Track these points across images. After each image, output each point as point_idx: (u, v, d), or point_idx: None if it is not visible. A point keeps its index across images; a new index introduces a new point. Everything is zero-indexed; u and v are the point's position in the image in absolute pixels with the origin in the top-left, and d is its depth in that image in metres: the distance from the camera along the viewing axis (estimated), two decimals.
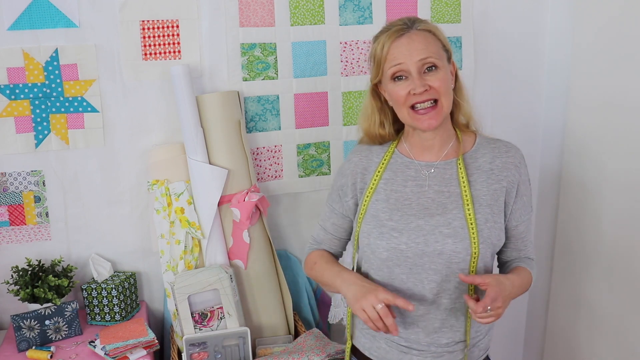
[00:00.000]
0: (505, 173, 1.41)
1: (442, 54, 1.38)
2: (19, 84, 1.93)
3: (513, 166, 1.42)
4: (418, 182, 1.43)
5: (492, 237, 1.38)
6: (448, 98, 1.38)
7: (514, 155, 1.43)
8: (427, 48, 1.35)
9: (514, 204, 1.42)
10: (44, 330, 1.89)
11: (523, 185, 1.43)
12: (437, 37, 1.39)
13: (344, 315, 2.20)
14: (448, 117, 1.43)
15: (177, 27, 2.01)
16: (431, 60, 1.34)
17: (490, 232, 1.38)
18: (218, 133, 2.00)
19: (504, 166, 1.41)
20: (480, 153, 1.43)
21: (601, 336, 2.10)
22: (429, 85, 1.34)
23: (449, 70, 1.39)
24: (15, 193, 2.00)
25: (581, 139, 2.17)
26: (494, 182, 1.40)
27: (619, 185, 1.97)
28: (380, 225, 1.41)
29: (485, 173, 1.41)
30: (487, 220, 1.38)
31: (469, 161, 1.43)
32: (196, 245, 2.01)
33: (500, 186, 1.40)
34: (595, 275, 2.12)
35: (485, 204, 1.39)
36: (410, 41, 1.35)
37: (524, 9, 2.30)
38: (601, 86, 2.05)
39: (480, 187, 1.40)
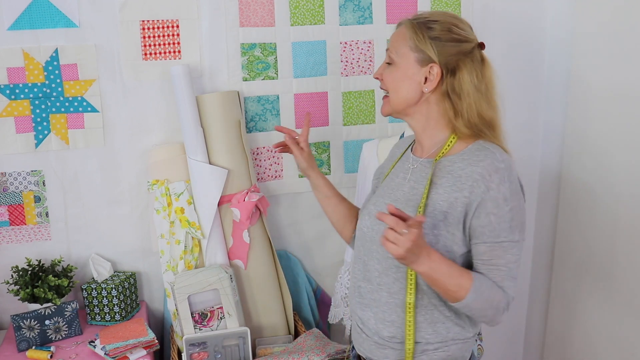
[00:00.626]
0: (470, 183, 1.29)
1: (407, 52, 1.35)
2: (19, 83, 1.93)
3: (480, 177, 1.28)
4: (405, 175, 1.45)
5: (437, 245, 1.31)
6: (397, 95, 1.39)
7: (486, 166, 1.29)
8: (394, 43, 1.39)
9: (474, 219, 1.29)
10: (44, 330, 1.89)
11: (491, 202, 1.27)
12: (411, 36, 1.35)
13: (344, 314, 2.20)
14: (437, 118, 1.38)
15: (177, 27, 2.01)
16: (388, 54, 1.39)
17: (436, 240, 1.31)
18: (218, 133, 2.00)
19: (471, 176, 1.29)
20: (461, 158, 1.34)
21: (601, 337, 2.10)
22: (382, 76, 1.41)
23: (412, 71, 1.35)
24: (15, 193, 2.00)
25: (581, 139, 2.17)
26: (456, 190, 1.30)
27: (619, 185, 1.97)
28: (364, 207, 1.52)
29: (453, 179, 1.32)
30: (435, 226, 1.31)
31: (446, 164, 1.35)
32: (196, 245, 2.01)
33: (462, 196, 1.29)
34: (595, 275, 2.12)
35: (441, 209, 1.31)
36: (394, 34, 1.42)
37: (524, 9, 2.30)
38: (601, 87, 2.05)
39: (443, 192, 1.32)
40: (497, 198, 1.27)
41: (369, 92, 2.23)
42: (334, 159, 2.26)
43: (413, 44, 1.35)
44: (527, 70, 2.36)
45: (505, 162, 1.30)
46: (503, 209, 1.28)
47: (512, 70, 2.35)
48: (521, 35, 2.33)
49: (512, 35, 2.31)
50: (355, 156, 2.24)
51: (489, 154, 1.31)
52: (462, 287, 1.27)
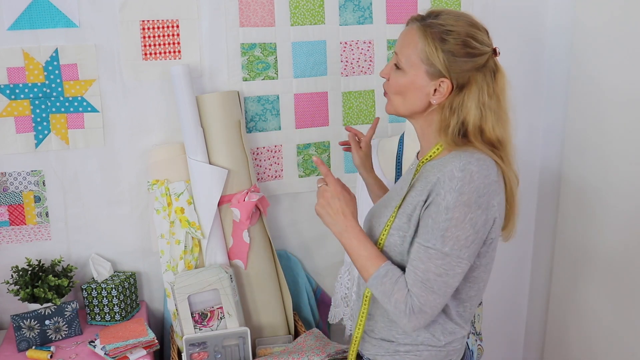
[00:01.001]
0: (429, 187, 1.27)
1: (417, 63, 1.30)
2: (19, 83, 1.93)
3: (437, 181, 1.25)
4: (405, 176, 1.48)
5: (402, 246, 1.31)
6: (400, 100, 1.36)
7: (444, 172, 1.24)
8: (403, 48, 1.33)
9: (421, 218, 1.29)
10: (44, 330, 1.89)
11: (434, 206, 1.24)
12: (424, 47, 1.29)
13: (344, 315, 2.20)
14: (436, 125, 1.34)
15: (177, 27, 2.01)
16: (397, 59, 1.35)
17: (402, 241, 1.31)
18: (218, 133, 2.00)
19: (432, 180, 1.27)
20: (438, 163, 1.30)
21: (601, 337, 2.10)
22: (388, 76, 1.39)
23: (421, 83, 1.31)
24: (15, 193, 2.00)
25: (581, 139, 2.17)
26: (420, 194, 1.29)
27: (619, 185, 1.97)
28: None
29: (424, 184, 1.30)
30: (400, 227, 1.32)
31: (428, 169, 1.33)
32: (196, 245, 2.01)
33: (422, 199, 1.28)
34: (595, 275, 2.12)
35: (406, 212, 1.32)
36: (404, 33, 1.36)
37: (524, 9, 2.30)
38: (601, 87, 2.05)
39: (414, 195, 1.31)
40: (439, 204, 1.24)
41: (369, 92, 2.24)
42: (334, 159, 2.26)
43: (424, 56, 1.29)
44: (527, 70, 2.36)
45: (464, 172, 1.22)
46: (441, 216, 1.23)
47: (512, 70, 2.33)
48: (521, 35, 2.33)
49: (512, 35, 2.31)
50: None
51: (455, 161, 1.25)
52: (367, 270, 1.31)
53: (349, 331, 2.18)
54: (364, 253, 1.32)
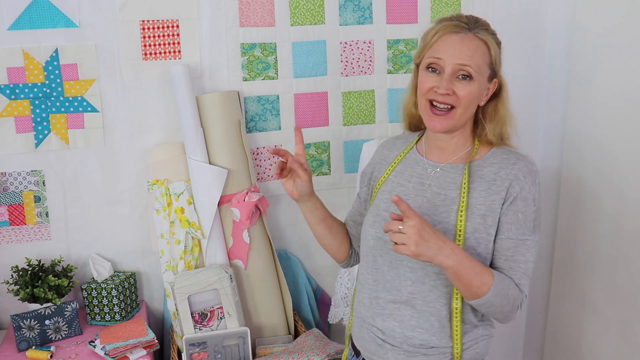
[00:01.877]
0: (506, 184, 1.33)
1: (485, 69, 1.35)
2: (19, 83, 1.93)
3: (516, 179, 1.33)
4: (421, 180, 1.42)
5: (479, 248, 1.33)
6: (466, 111, 1.35)
7: (521, 168, 1.34)
8: (472, 57, 1.32)
9: (503, 216, 1.33)
10: (44, 330, 1.89)
11: (522, 201, 1.33)
12: (489, 52, 1.35)
13: (344, 315, 2.20)
14: (468, 125, 1.41)
15: (177, 27, 2.01)
16: (468, 70, 1.31)
17: (477, 243, 1.33)
18: (218, 133, 2.00)
19: (507, 177, 1.34)
20: (489, 162, 1.38)
21: (601, 336, 2.10)
22: (454, 91, 1.32)
23: (484, 87, 1.36)
24: (15, 193, 2.00)
25: (581, 140, 2.17)
26: (493, 193, 1.34)
27: (620, 184, 1.97)
28: (376, 215, 1.45)
29: (487, 183, 1.35)
30: (476, 230, 1.33)
31: (474, 169, 1.38)
32: (196, 245, 2.01)
33: (499, 197, 1.33)
34: (595, 275, 2.12)
35: (479, 213, 1.33)
36: (460, 42, 1.32)
37: (525, 10, 2.30)
38: (601, 86, 2.05)
39: (478, 196, 1.35)
40: (527, 198, 1.33)
41: (369, 92, 2.23)
42: (334, 159, 2.26)
43: (490, 61, 1.35)
44: (527, 69, 2.36)
45: (535, 166, 1.36)
46: (530, 208, 1.33)
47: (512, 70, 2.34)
48: (521, 34, 2.32)
49: (512, 35, 2.30)
50: (355, 156, 2.24)
51: (520, 157, 1.37)
52: (485, 283, 1.27)
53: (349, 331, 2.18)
54: (479, 268, 1.27)
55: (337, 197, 2.29)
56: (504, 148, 1.40)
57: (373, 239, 1.43)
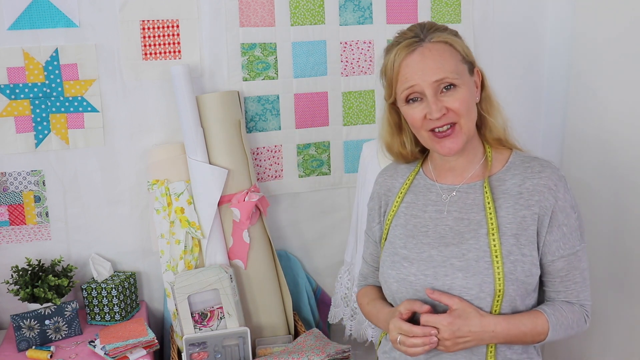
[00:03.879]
0: (537, 197, 1.22)
1: (462, 68, 1.23)
2: (19, 83, 1.93)
3: (546, 189, 1.22)
4: (438, 207, 1.30)
5: (516, 272, 1.20)
6: (469, 118, 1.24)
7: (549, 176, 1.23)
8: (443, 66, 1.20)
9: (548, 235, 1.23)
10: (44, 330, 1.89)
11: (561, 213, 1.22)
12: (454, 49, 1.23)
13: (344, 315, 2.20)
14: (474, 134, 1.29)
15: (177, 27, 2.01)
16: (448, 81, 1.20)
17: (514, 267, 1.20)
18: (218, 133, 2.00)
19: (535, 189, 1.22)
20: (510, 174, 1.26)
21: (601, 336, 2.10)
22: (447, 107, 1.21)
23: (471, 85, 1.26)
24: (15, 193, 2.00)
25: (581, 140, 2.17)
26: (523, 208, 1.22)
27: (620, 185, 1.97)
28: (393, 254, 1.33)
29: (513, 197, 1.23)
30: (510, 252, 1.21)
31: (495, 184, 1.26)
32: (196, 245, 2.01)
33: (531, 212, 1.22)
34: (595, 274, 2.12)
35: (510, 233, 1.22)
36: (422, 58, 1.21)
37: (525, 10, 2.30)
38: (602, 86, 2.05)
39: (506, 214, 1.23)
40: (565, 207, 1.23)
41: (369, 92, 2.23)
42: (334, 159, 2.26)
43: (461, 56, 1.24)
44: (527, 73, 2.36)
45: (560, 170, 1.26)
46: (572, 217, 1.25)
47: (512, 72, 2.35)
48: (521, 39, 2.32)
49: (512, 40, 2.31)
50: (355, 156, 2.24)
51: (544, 163, 1.26)
52: (541, 333, 1.23)
53: (349, 331, 2.18)
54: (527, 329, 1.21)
55: (337, 197, 2.29)
56: (521, 155, 1.29)
57: (396, 281, 1.29)
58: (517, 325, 1.20)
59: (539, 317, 1.23)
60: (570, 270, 1.26)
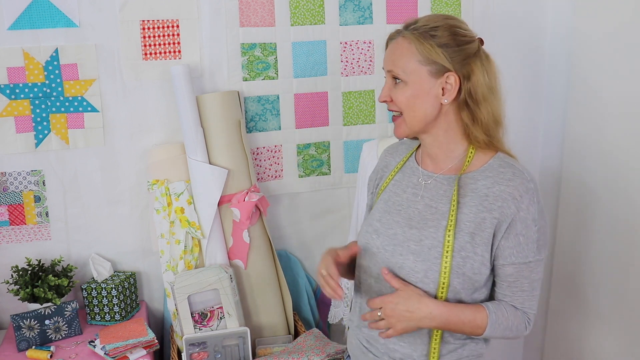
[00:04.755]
0: (500, 203, 1.26)
1: (415, 67, 1.28)
2: (19, 83, 1.93)
3: (511, 197, 1.25)
4: (415, 190, 1.38)
5: (465, 267, 1.27)
6: (413, 114, 1.31)
7: (516, 186, 1.26)
8: (396, 60, 1.31)
9: (503, 240, 1.27)
10: (44, 330, 1.89)
11: (521, 223, 1.26)
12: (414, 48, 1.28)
13: (344, 315, 2.20)
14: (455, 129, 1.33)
15: (177, 27, 2.01)
16: (395, 74, 1.31)
17: (464, 262, 1.27)
18: (218, 133, 2.00)
19: (500, 195, 1.26)
20: (484, 175, 1.30)
21: (602, 338, 2.10)
22: (391, 97, 1.33)
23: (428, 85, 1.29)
24: (15, 193, 2.00)
25: (581, 140, 2.17)
26: (485, 210, 1.27)
27: (620, 185, 1.97)
28: (369, 224, 1.44)
29: (479, 198, 1.28)
30: (462, 248, 1.27)
31: (468, 181, 1.31)
32: (196, 245, 2.01)
33: (491, 216, 1.26)
34: (595, 276, 2.12)
35: (467, 230, 1.27)
36: (391, 49, 1.34)
37: (525, 10, 2.30)
38: (602, 87, 2.05)
39: (468, 212, 1.28)
40: (526, 219, 1.26)
41: (369, 92, 2.23)
42: (334, 159, 2.26)
43: (423, 57, 1.28)
44: (528, 71, 2.36)
45: (534, 182, 1.28)
46: (531, 229, 1.27)
47: (512, 71, 2.34)
48: (521, 35, 2.32)
49: (512, 36, 2.31)
50: (355, 156, 2.24)
51: (517, 172, 1.28)
52: (479, 326, 1.29)
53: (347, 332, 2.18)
54: (466, 319, 1.27)
55: (337, 197, 2.29)
56: (502, 159, 1.32)
57: (363, 249, 1.42)
58: (457, 314, 1.27)
59: (481, 311, 1.29)
60: (518, 277, 1.30)
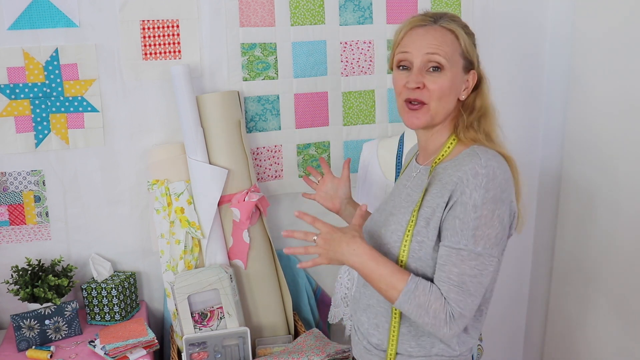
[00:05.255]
0: (450, 187, 1.24)
1: (457, 59, 1.29)
2: (19, 83, 1.93)
3: (459, 181, 1.22)
4: (405, 182, 1.44)
5: (421, 252, 1.28)
6: (441, 105, 1.29)
7: (467, 170, 1.22)
8: (440, 45, 1.27)
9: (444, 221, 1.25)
10: (44, 330, 1.89)
11: (460, 206, 1.21)
12: (457, 41, 1.30)
13: (343, 314, 2.20)
14: (448, 123, 1.35)
15: (177, 27, 2.01)
16: (437, 59, 1.27)
17: (419, 246, 1.28)
18: (218, 133, 2.00)
19: (451, 180, 1.25)
20: (452, 164, 1.29)
21: (601, 337, 2.10)
22: (424, 84, 1.28)
23: (459, 79, 1.31)
24: (15, 193, 2.00)
25: (581, 140, 2.17)
26: (439, 196, 1.26)
27: (619, 185, 1.97)
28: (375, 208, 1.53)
29: (441, 185, 1.27)
30: (419, 232, 1.28)
31: (440, 170, 1.31)
32: (196, 245, 2.01)
33: (442, 200, 1.25)
34: (595, 276, 2.12)
35: (424, 216, 1.28)
36: (425, 33, 1.30)
37: (525, 9, 2.30)
38: (602, 87, 2.05)
39: (430, 199, 1.28)
40: (466, 203, 1.21)
41: (369, 92, 2.23)
42: (334, 159, 2.26)
43: (463, 50, 1.30)
44: (528, 71, 2.36)
45: (488, 168, 1.21)
46: (469, 215, 1.21)
47: (512, 71, 2.35)
48: (521, 36, 2.33)
49: (512, 36, 2.31)
50: (355, 156, 2.24)
51: (474, 158, 1.24)
52: (394, 287, 1.24)
53: (349, 331, 2.18)
54: (384, 271, 1.25)
55: None
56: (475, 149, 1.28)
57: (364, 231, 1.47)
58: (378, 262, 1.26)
59: (403, 275, 1.25)
60: (447, 262, 1.23)
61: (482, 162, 1.22)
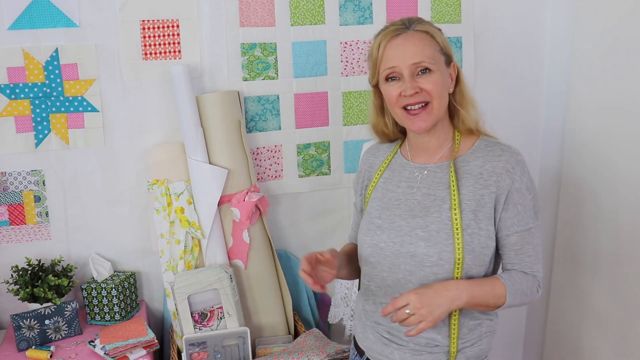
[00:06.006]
0: (495, 178, 1.34)
1: (439, 57, 1.37)
2: (19, 83, 1.93)
3: (504, 171, 1.34)
4: (410, 183, 1.44)
5: (473, 243, 1.33)
6: (441, 101, 1.36)
7: (507, 159, 1.35)
8: (422, 51, 1.34)
9: (503, 212, 1.35)
10: (44, 330, 1.89)
11: (517, 193, 1.35)
12: (434, 40, 1.37)
13: (344, 315, 2.20)
14: (446, 118, 1.42)
15: (177, 27, 2.01)
16: (424, 65, 1.34)
17: (471, 239, 1.33)
18: (218, 133, 2.00)
19: (494, 171, 1.35)
20: (474, 157, 1.39)
21: (601, 337, 2.10)
22: (420, 87, 1.34)
23: (446, 74, 1.38)
24: (15, 193, 2.00)
25: (581, 140, 2.17)
26: (481, 187, 1.35)
27: (619, 185, 1.97)
28: (369, 222, 1.46)
29: (474, 177, 1.36)
30: (468, 226, 1.33)
31: (460, 164, 1.39)
32: (196, 245, 2.01)
33: (489, 192, 1.34)
34: (595, 274, 2.12)
35: (469, 209, 1.34)
36: (405, 42, 1.35)
37: (525, 9, 2.30)
38: (601, 87, 2.05)
39: (467, 192, 1.36)
40: (521, 189, 1.35)
41: (369, 92, 2.22)
42: (334, 159, 2.26)
43: (441, 47, 1.38)
44: (527, 71, 2.36)
45: (520, 155, 1.38)
46: (527, 198, 1.35)
47: (512, 71, 2.35)
48: (521, 35, 2.33)
49: (512, 36, 2.31)
50: (355, 156, 2.24)
51: (505, 148, 1.38)
52: (500, 295, 1.34)
53: (349, 331, 2.18)
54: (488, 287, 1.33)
55: (337, 197, 2.29)
56: (487, 140, 1.41)
57: (369, 247, 1.43)
58: (479, 286, 1.32)
59: (496, 281, 1.35)
60: (523, 244, 1.37)
61: (514, 150, 1.37)
